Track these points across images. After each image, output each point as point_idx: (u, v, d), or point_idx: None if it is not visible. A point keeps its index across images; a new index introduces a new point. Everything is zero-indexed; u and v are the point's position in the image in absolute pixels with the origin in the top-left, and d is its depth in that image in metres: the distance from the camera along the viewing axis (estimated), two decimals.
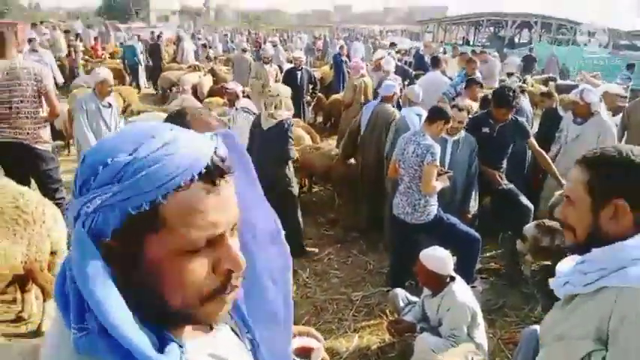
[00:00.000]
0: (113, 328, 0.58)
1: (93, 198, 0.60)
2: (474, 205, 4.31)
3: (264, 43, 15.43)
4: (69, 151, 7.96)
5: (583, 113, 4.67)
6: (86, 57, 15.31)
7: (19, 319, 3.44)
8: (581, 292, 1.25)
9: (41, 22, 18.71)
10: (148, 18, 48.65)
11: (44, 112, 4.04)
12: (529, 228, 3.98)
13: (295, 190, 4.75)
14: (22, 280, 3.30)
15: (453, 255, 3.21)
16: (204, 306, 0.66)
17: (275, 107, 4.47)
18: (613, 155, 1.25)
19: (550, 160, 4.43)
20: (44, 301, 3.33)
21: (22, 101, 3.83)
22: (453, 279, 3.08)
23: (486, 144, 4.25)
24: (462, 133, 4.17)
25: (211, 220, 0.63)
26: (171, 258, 0.62)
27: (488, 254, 4.69)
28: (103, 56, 16.36)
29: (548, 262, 4.16)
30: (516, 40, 27.75)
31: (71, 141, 7.95)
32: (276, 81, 8.14)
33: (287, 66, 9.72)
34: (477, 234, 3.85)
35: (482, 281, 4.26)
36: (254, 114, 5.54)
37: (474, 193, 4.28)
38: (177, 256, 0.63)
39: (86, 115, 4.48)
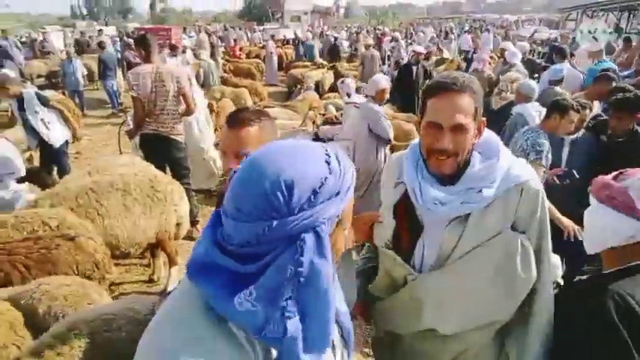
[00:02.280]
0: (327, 321, 0.81)
1: (325, 209, 0.80)
2: None
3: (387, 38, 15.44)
4: None
5: None
6: (226, 57, 16.88)
7: (150, 281, 4.12)
8: (481, 206, 1.39)
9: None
10: (282, 19, 51.59)
11: (181, 109, 4.60)
12: None
13: None
14: (154, 248, 3.93)
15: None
16: None
17: (502, 91, 5.20)
18: (473, 79, 1.39)
19: None
20: (170, 267, 3.93)
21: (165, 100, 4.42)
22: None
23: (601, 156, 3.78)
24: (581, 132, 3.85)
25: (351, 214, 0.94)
26: (337, 235, 0.88)
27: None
28: (241, 56, 17.87)
29: None
30: None
31: None
32: None
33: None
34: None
35: None
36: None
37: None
38: (340, 234, 0.89)
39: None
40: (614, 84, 4.58)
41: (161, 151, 4.57)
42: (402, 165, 1.53)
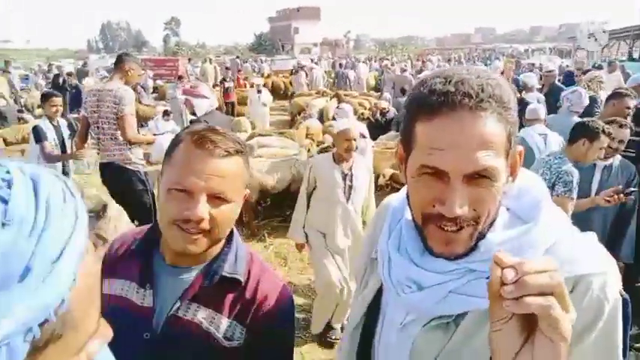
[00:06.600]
0: None
1: None
2: (628, 254, 3.33)
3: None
4: None
5: None
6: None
7: None
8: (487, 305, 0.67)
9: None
10: (292, 51, 52.23)
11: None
12: None
13: None
14: None
15: None
16: None
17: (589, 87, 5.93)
18: (497, 81, 0.73)
19: None
20: None
21: (103, 122, 3.85)
22: None
23: None
24: (618, 157, 3.30)
25: None
26: None
27: None
28: (245, 85, 17.69)
29: None
30: None
31: None
32: None
33: None
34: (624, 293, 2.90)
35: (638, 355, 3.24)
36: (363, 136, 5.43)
37: (628, 236, 3.32)
38: None
39: None
40: (629, 101, 4.02)
41: (117, 183, 3.97)
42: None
